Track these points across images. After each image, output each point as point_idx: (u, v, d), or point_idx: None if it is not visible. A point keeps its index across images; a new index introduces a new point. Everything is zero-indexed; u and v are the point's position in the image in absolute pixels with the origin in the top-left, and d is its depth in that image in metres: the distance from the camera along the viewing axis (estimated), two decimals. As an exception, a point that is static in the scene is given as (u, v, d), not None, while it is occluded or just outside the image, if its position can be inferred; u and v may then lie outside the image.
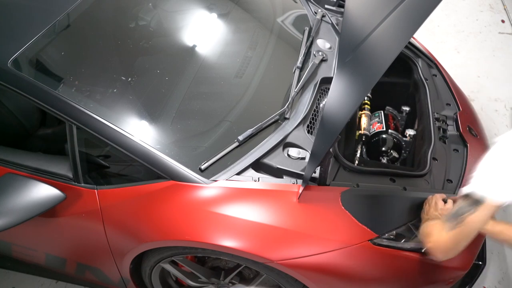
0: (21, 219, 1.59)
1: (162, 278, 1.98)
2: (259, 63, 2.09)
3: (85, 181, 1.71)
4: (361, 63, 1.62)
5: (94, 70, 1.84)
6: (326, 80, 2.06)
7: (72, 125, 1.64)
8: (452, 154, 1.98)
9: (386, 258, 1.59)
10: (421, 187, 1.79)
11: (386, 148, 2.17)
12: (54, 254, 2.03)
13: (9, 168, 1.75)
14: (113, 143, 1.64)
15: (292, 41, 2.34)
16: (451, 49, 3.76)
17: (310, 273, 1.56)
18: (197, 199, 1.61)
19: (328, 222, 1.60)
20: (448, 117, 2.16)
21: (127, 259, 1.77)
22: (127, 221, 1.68)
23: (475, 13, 4.13)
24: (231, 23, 2.27)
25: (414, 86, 2.35)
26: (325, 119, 1.57)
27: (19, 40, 1.70)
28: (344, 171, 1.77)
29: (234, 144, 1.73)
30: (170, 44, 2.11)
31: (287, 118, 1.86)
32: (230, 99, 1.94)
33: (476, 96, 3.32)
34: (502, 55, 3.68)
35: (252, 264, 1.63)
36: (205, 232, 1.58)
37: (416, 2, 1.56)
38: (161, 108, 1.81)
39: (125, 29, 2.05)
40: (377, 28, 1.63)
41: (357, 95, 1.50)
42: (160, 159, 1.63)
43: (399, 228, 1.64)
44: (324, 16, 2.45)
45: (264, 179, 1.66)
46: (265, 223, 1.57)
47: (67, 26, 1.85)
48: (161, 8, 2.23)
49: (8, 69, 1.63)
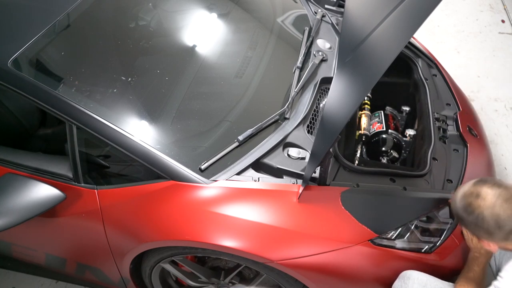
0: (21, 219, 1.59)
1: (162, 278, 1.98)
2: (259, 63, 2.09)
3: (85, 181, 1.71)
4: (361, 63, 1.62)
5: (94, 70, 1.84)
6: (326, 80, 2.06)
7: (72, 125, 1.64)
8: (452, 154, 1.97)
9: (386, 258, 1.59)
10: (421, 187, 1.79)
11: (386, 148, 2.17)
12: (54, 254, 2.03)
13: (9, 168, 1.75)
14: (113, 143, 1.64)
15: (292, 41, 2.34)
16: (451, 49, 3.75)
17: (310, 273, 1.56)
18: (197, 199, 1.61)
19: (328, 222, 1.60)
20: (448, 117, 2.16)
21: (127, 259, 1.77)
22: (127, 221, 1.68)
23: (475, 13, 4.13)
24: (231, 23, 2.27)
25: (414, 86, 2.34)
26: (325, 119, 1.57)
27: (19, 40, 1.70)
28: (344, 171, 1.77)
29: (234, 144, 1.73)
30: (170, 44, 2.11)
31: (287, 118, 1.86)
32: (230, 99, 1.94)
33: (476, 96, 3.32)
34: (502, 55, 3.67)
35: (252, 264, 1.63)
36: (205, 232, 1.58)
37: (416, 2, 1.56)
38: (161, 108, 1.81)
39: (125, 29, 2.05)
40: (377, 28, 1.63)
41: (357, 95, 1.50)
42: (160, 159, 1.63)
43: (399, 228, 1.64)
44: (324, 16, 2.44)
45: (264, 179, 1.66)
46: (265, 223, 1.57)
47: (67, 26, 1.85)
48: (161, 8, 2.23)
49: (8, 69, 1.63)
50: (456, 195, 1.47)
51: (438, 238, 1.67)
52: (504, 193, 1.35)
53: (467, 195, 1.41)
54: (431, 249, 1.65)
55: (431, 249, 1.65)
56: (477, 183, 1.42)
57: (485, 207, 1.35)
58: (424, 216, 1.70)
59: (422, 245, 1.65)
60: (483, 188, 1.39)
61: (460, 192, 1.46)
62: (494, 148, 2.92)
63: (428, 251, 1.64)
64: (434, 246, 1.65)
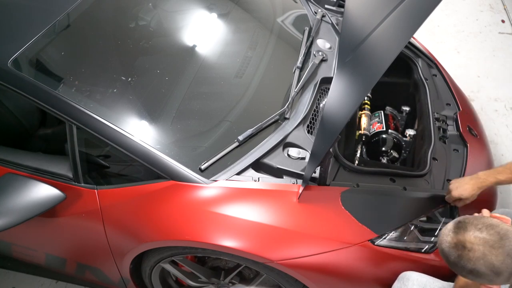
0: (21, 219, 1.59)
1: (162, 278, 1.98)
2: (259, 63, 2.09)
3: (85, 181, 1.71)
4: (361, 63, 1.62)
5: (94, 70, 1.84)
6: (326, 80, 2.06)
7: (72, 125, 1.64)
8: (452, 154, 1.97)
9: (386, 258, 1.59)
10: (421, 187, 1.79)
11: (386, 148, 2.17)
12: (54, 254, 2.03)
13: (9, 168, 1.75)
14: (113, 143, 1.64)
15: (292, 41, 2.34)
16: (451, 49, 3.75)
17: (310, 273, 1.56)
18: (197, 199, 1.61)
19: (328, 222, 1.60)
20: (448, 117, 2.16)
21: (127, 259, 1.77)
22: (127, 221, 1.68)
23: (475, 13, 4.13)
24: (231, 23, 2.27)
25: (414, 86, 2.35)
26: (325, 119, 1.57)
27: (19, 40, 1.70)
28: (344, 171, 1.77)
29: (234, 144, 1.73)
30: (170, 44, 2.11)
31: (287, 118, 1.86)
32: (230, 99, 1.94)
33: (476, 96, 3.32)
34: (502, 55, 3.67)
35: (252, 264, 1.63)
36: (205, 232, 1.58)
37: (416, 2, 1.56)
38: (161, 108, 1.81)
39: (125, 29, 2.05)
40: (377, 28, 1.63)
41: (357, 95, 1.50)
42: (160, 159, 1.63)
43: (399, 228, 1.64)
44: (324, 16, 2.44)
45: (264, 179, 1.66)
46: (265, 223, 1.57)
47: (67, 26, 1.85)
48: (161, 8, 2.23)
49: (8, 69, 1.63)
50: (439, 243, 1.33)
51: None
52: (488, 238, 1.23)
53: (453, 247, 1.28)
54: (431, 249, 1.65)
55: (431, 249, 1.65)
56: (458, 229, 1.29)
57: (476, 260, 1.23)
58: (424, 216, 1.70)
59: (422, 245, 1.65)
60: (465, 237, 1.25)
61: (442, 241, 1.31)
62: (494, 148, 2.92)
63: (428, 251, 1.64)
64: (434, 246, 1.65)
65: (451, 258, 1.28)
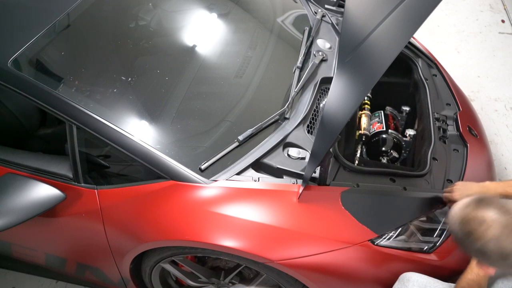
0: (21, 219, 1.59)
1: (162, 278, 1.98)
2: (259, 63, 2.09)
3: (85, 181, 1.71)
4: (361, 63, 1.62)
5: (94, 70, 1.84)
6: (326, 80, 2.06)
7: (72, 125, 1.64)
8: (452, 154, 1.97)
9: (386, 258, 1.59)
10: (421, 187, 1.79)
11: (386, 148, 2.17)
12: (54, 254, 2.03)
13: (9, 168, 1.75)
14: (113, 143, 1.64)
15: (292, 41, 2.34)
16: (451, 49, 3.75)
17: (310, 273, 1.56)
18: (197, 199, 1.61)
19: (328, 222, 1.60)
20: (448, 117, 2.16)
21: (127, 259, 1.77)
22: (127, 221, 1.68)
23: (475, 13, 4.13)
24: (231, 23, 2.27)
25: (414, 86, 2.35)
26: (325, 119, 1.57)
27: (19, 40, 1.70)
28: (344, 171, 1.77)
29: (234, 144, 1.73)
30: (170, 44, 2.11)
31: (287, 118, 1.86)
32: (230, 99, 1.94)
33: (476, 96, 3.32)
34: (502, 55, 3.67)
35: (252, 264, 1.63)
36: (205, 232, 1.58)
37: (416, 2, 1.56)
38: (161, 108, 1.81)
39: (125, 29, 2.05)
40: (377, 28, 1.63)
41: (357, 95, 1.50)
42: (160, 159, 1.63)
43: (399, 228, 1.64)
44: (324, 16, 2.45)
45: (264, 179, 1.66)
46: (265, 223, 1.57)
47: (67, 26, 1.85)
48: (161, 8, 2.23)
49: (8, 69, 1.63)
50: (454, 214, 1.30)
51: (438, 238, 1.67)
52: (510, 222, 1.19)
53: (468, 220, 1.24)
54: (431, 249, 1.65)
55: (431, 249, 1.65)
56: (479, 205, 1.24)
57: (490, 238, 1.19)
58: (424, 216, 1.70)
59: (422, 245, 1.65)
60: (487, 214, 1.21)
61: (458, 212, 1.28)
62: (494, 148, 2.92)
63: (428, 251, 1.64)
64: (434, 246, 1.65)
65: (463, 231, 1.24)
